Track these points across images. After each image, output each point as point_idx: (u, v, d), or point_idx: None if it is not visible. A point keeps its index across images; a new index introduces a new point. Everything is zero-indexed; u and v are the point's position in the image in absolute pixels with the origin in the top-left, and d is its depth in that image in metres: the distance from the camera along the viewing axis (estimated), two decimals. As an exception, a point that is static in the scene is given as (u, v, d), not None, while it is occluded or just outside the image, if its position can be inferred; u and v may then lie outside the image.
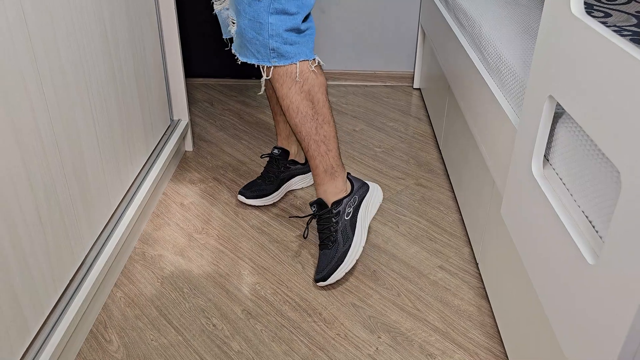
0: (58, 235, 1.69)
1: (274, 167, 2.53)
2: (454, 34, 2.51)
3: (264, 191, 2.51)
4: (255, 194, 2.50)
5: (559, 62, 1.25)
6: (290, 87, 1.98)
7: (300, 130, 2.04)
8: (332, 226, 2.10)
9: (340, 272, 2.05)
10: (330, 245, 2.09)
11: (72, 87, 1.75)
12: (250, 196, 2.49)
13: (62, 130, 1.69)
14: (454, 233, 2.35)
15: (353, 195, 2.14)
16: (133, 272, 2.12)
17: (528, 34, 1.99)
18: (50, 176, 1.62)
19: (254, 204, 2.50)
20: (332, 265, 2.05)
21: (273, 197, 2.51)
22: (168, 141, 2.65)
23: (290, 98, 2.00)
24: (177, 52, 2.68)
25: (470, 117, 2.14)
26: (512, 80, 1.75)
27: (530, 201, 1.41)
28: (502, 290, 1.81)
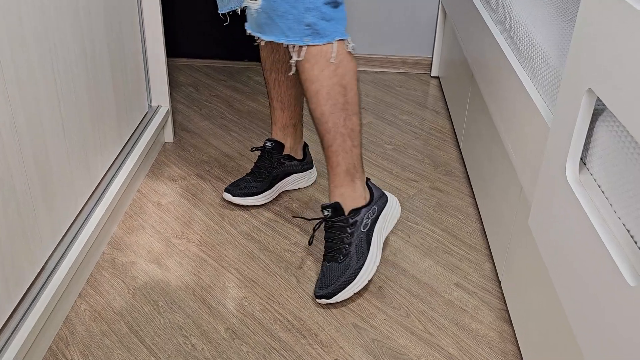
0: (14, 236, 1.69)
1: (266, 162, 2.52)
2: (480, 15, 2.51)
3: (253, 189, 2.50)
4: (243, 192, 2.49)
5: (601, 50, 1.25)
6: (323, 69, 1.98)
7: (327, 120, 2.03)
8: (346, 237, 2.09)
9: (348, 291, 2.05)
10: (341, 258, 2.08)
11: (35, 62, 1.75)
12: (237, 194, 2.49)
13: (21, 112, 1.68)
14: (473, 245, 2.36)
15: (372, 205, 2.14)
16: (100, 281, 2.13)
17: (565, 16, 1.99)
18: (6, 165, 1.62)
19: (241, 203, 2.50)
20: (341, 282, 2.04)
21: (264, 196, 2.51)
22: (145, 130, 2.65)
23: (321, 82, 1.99)
24: (158, 27, 2.68)
25: (496, 112, 2.14)
26: (545, 69, 1.76)
27: (563, 210, 1.41)
28: (528, 313, 1.81)
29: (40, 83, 1.78)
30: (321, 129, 2.06)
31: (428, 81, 3.73)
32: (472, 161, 2.66)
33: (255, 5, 1.94)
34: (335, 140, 2.05)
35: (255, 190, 2.50)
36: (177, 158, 2.84)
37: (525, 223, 1.86)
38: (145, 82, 2.72)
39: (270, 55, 2.35)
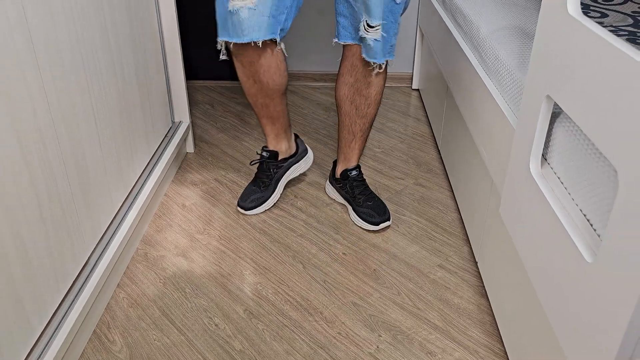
0: (61, 236, 1.69)
1: (265, 172, 2.49)
2: (452, 35, 2.51)
3: (262, 198, 2.48)
4: (253, 204, 2.47)
5: (556, 62, 1.25)
6: (384, 78, 2.23)
7: (372, 119, 2.33)
8: (366, 184, 2.46)
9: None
10: (377, 197, 2.43)
11: (73, 85, 1.75)
12: (249, 207, 2.46)
13: (63, 130, 1.68)
14: (453, 232, 2.35)
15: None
16: (135, 273, 2.12)
17: (525, 34, 1.99)
18: (52, 175, 1.62)
19: (255, 213, 2.47)
20: (387, 209, 2.39)
21: (272, 199, 2.50)
22: (169, 143, 2.65)
23: (382, 89, 2.25)
24: (178, 54, 2.68)
25: (469, 118, 2.14)
26: (509, 80, 1.75)
27: (528, 200, 1.41)
28: (501, 289, 1.81)
29: (78, 104, 1.77)
30: (364, 127, 2.33)
31: (410, 93, 3.73)
32: (450, 160, 2.65)
33: (369, 35, 2.03)
34: (370, 128, 2.36)
35: (263, 199, 2.48)
36: (197, 166, 2.84)
37: (497, 212, 1.86)
38: (168, 102, 2.71)
39: (254, 84, 2.18)
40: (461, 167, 2.40)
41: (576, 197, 1.25)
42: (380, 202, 2.40)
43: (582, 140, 1.24)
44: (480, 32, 2.14)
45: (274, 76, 2.12)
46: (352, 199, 2.41)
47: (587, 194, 1.19)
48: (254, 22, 1.91)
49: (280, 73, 2.12)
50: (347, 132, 2.34)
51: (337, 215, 2.45)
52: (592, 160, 1.18)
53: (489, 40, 2.02)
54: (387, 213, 2.36)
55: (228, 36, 1.97)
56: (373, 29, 2.00)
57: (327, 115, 3.37)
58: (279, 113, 2.33)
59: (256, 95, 2.22)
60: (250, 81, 2.16)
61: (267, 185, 2.49)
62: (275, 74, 2.11)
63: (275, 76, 2.12)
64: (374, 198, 2.41)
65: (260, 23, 1.92)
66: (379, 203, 2.39)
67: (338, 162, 2.48)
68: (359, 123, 2.31)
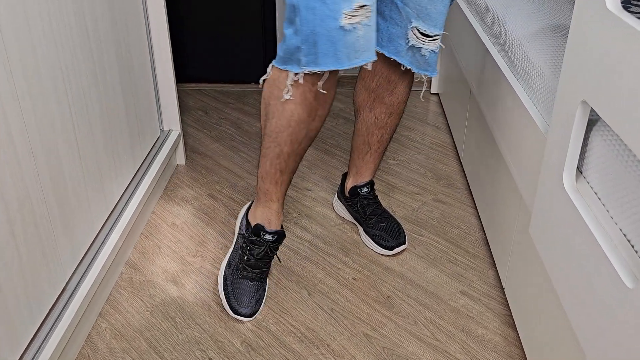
0: (35, 259, 1.69)
1: (266, 260, 2.13)
2: (476, 33, 2.52)
3: (261, 294, 2.11)
4: (255, 309, 2.07)
5: (593, 63, 1.25)
6: (410, 86, 2.29)
7: (392, 131, 2.34)
8: (378, 202, 2.45)
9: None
10: (390, 217, 2.43)
11: (49, 89, 1.76)
12: (250, 313, 2.05)
13: (37, 140, 1.69)
14: (477, 254, 2.36)
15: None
16: (119, 301, 2.13)
17: (558, 32, 2.00)
18: (25, 191, 1.63)
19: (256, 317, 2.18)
20: (402, 230, 2.40)
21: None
22: (158, 154, 2.66)
23: (406, 98, 2.30)
24: (167, 54, 2.69)
25: (495, 125, 2.14)
26: (540, 83, 1.76)
27: (561, 218, 1.41)
28: (531, 318, 1.81)
29: (54, 109, 1.78)
30: (387, 137, 2.32)
31: (428, 98, 3.74)
32: (473, 173, 2.66)
33: (436, 47, 1.99)
34: (389, 141, 2.35)
35: (262, 294, 2.13)
36: (189, 179, 2.85)
37: (526, 231, 1.86)
38: (156, 107, 2.73)
39: (311, 122, 1.92)
40: (486, 181, 2.41)
41: (615, 214, 1.25)
42: (394, 222, 2.41)
43: (622, 150, 1.24)
44: (507, 29, 2.15)
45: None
46: (363, 219, 2.41)
47: (628, 211, 1.19)
48: (368, 40, 1.73)
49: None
50: (362, 143, 2.33)
51: (346, 236, 2.45)
52: (633, 173, 1.19)
53: (518, 39, 2.03)
54: (403, 235, 2.37)
55: (335, 61, 1.70)
56: (430, 39, 1.93)
57: (334, 122, 3.38)
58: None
59: (302, 141, 1.97)
60: (308, 120, 1.91)
61: (265, 276, 2.18)
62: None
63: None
64: (387, 218, 2.40)
65: (372, 40, 1.75)
66: (393, 224, 2.39)
67: (348, 175, 2.46)
68: (376, 134, 2.29)
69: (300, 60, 1.73)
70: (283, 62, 1.80)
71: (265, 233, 2.08)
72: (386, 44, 1.99)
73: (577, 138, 1.35)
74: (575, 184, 1.40)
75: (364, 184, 2.41)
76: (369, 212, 2.40)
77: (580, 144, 1.36)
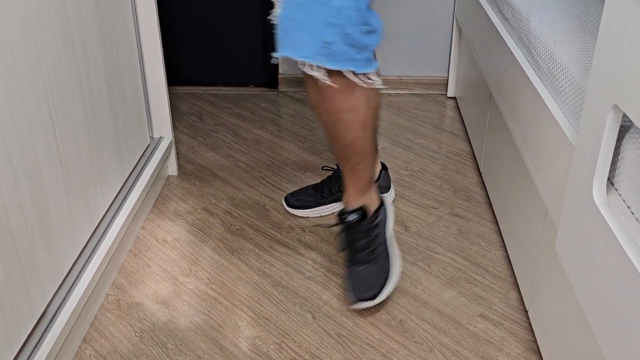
0: (13, 280, 1.70)
1: (332, 185, 2.67)
2: (497, 31, 2.52)
3: (309, 202, 2.69)
4: (298, 204, 2.70)
5: (626, 64, 1.25)
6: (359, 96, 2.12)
7: (359, 144, 2.14)
8: (374, 238, 2.22)
9: (389, 289, 2.19)
10: (374, 259, 2.21)
11: (28, 94, 1.76)
12: (292, 205, 2.70)
13: (16, 148, 1.69)
14: (498, 274, 2.35)
15: (383, 204, 2.28)
16: (105, 325, 2.13)
17: (587, 29, 2.00)
18: (1, 204, 1.63)
19: (295, 213, 2.71)
20: (382, 281, 2.19)
21: (317, 210, 2.69)
22: (147, 164, 2.66)
23: (351, 109, 2.09)
24: (158, 54, 2.70)
25: (517, 132, 2.15)
26: (568, 86, 1.76)
27: (591, 234, 1.41)
28: (558, 344, 1.81)
29: (33, 115, 1.79)
30: (349, 152, 2.08)
31: (444, 102, 3.74)
32: (494, 185, 2.66)
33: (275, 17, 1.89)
34: (365, 158, 2.11)
35: (309, 204, 2.68)
36: (182, 192, 2.85)
37: (552, 248, 1.86)
38: (146, 113, 2.73)
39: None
40: (508, 193, 2.41)
41: (651, 230, 1.25)
42: (377, 269, 2.21)
43: (658, 160, 1.24)
44: (532, 27, 2.15)
45: None
46: (348, 251, 2.27)
47: (664, 226, 1.19)
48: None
49: None
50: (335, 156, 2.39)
51: (354, 253, 2.45)
52: (670, 184, 1.19)
53: (543, 37, 2.03)
54: (376, 289, 2.17)
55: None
56: None
57: (342, 129, 3.38)
58: None
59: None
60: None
61: (325, 198, 2.68)
62: None
63: None
64: (372, 261, 2.21)
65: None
66: (373, 270, 2.20)
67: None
68: (333, 146, 2.16)
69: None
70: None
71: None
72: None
73: (608, 146, 1.35)
74: (606, 196, 1.40)
75: (351, 210, 2.23)
76: (354, 247, 2.25)
77: (612, 152, 1.36)
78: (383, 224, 2.24)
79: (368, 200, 2.20)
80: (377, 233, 2.21)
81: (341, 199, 2.30)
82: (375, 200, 2.23)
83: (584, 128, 1.45)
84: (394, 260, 2.24)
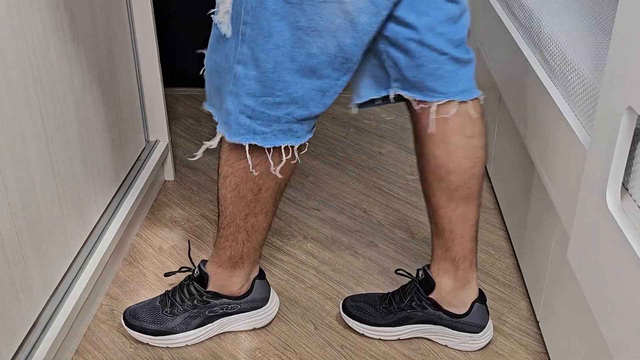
0: (2, 289, 1.70)
1: (400, 297, 2.13)
2: (507, 30, 2.52)
3: (370, 317, 2.14)
4: (358, 314, 2.16)
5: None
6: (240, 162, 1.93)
7: (227, 206, 1.99)
8: (184, 305, 2.08)
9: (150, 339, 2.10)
10: (168, 311, 2.10)
11: (19, 96, 1.76)
12: (351, 314, 2.17)
13: (5, 152, 1.69)
14: (507, 283, 2.35)
15: (239, 300, 2.11)
16: (99, 336, 2.13)
17: (601, 29, 2.00)
18: (-7, 214, 1.63)
19: (351, 324, 2.17)
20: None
21: (381, 331, 2.14)
22: (143, 168, 2.66)
23: (234, 173, 1.95)
24: (154, 54, 2.70)
25: (528, 135, 2.15)
26: (580, 88, 1.76)
27: (604, 241, 1.41)
28: (570, 356, 1.80)
29: (24, 117, 1.79)
30: (219, 207, 2.00)
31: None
32: (503, 190, 2.66)
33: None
34: (229, 227, 1.99)
35: (371, 319, 2.13)
36: (179, 197, 2.85)
37: (564, 256, 1.86)
38: (141, 115, 2.73)
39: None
40: (518, 199, 2.41)
41: (667, 237, 1.25)
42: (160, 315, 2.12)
43: (674, 164, 1.25)
44: (543, 26, 2.15)
45: None
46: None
47: (681, 233, 1.20)
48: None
49: None
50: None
51: (358, 261, 2.45)
52: (686, 190, 1.19)
53: (554, 36, 2.03)
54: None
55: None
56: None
57: (345, 132, 3.38)
58: (443, 221, 2.05)
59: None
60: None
61: (391, 310, 2.13)
62: None
63: None
64: (171, 310, 2.11)
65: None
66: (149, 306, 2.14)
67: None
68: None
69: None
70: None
71: (425, 267, 2.11)
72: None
73: (622, 150, 1.35)
74: (620, 202, 1.40)
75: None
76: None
77: (626, 156, 1.36)
78: (220, 309, 2.09)
79: (221, 276, 2.07)
80: (195, 305, 2.07)
81: (411, 316, 2.09)
82: (232, 287, 2.08)
83: (597, 131, 1.45)
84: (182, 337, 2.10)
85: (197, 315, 2.07)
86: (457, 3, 1.75)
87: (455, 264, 2.02)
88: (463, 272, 2.03)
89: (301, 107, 1.74)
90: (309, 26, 1.61)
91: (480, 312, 2.06)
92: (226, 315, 2.10)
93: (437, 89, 1.81)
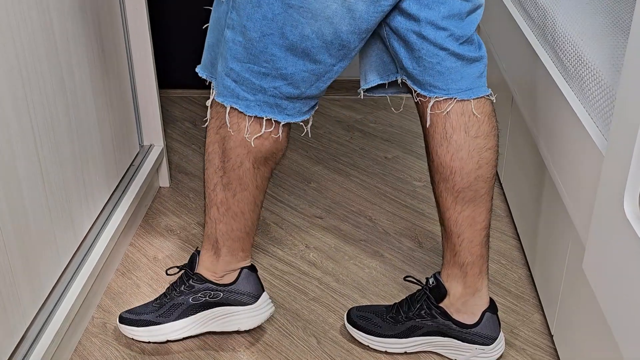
0: (-10, 301, 1.70)
1: (409, 305, 2.13)
2: (519, 28, 2.52)
3: (377, 327, 2.14)
4: (363, 324, 2.16)
5: (659, 64, 1.26)
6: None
7: (204, 173, 2.09)
8: (181, 293, 2.12)
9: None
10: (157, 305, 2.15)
11: (7, 99, 1.76)
12: (354, 324, 2.17)
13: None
14: (520, 295, 2.35)
15: (221, 288, 2.12)
16: (91, 350, 2.13)
17: (618, 27, 2.00)
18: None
19: (355, 336, 2.17)
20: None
21: (388, 343, 2.14)
22: (136, 174, 2.66)
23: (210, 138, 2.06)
24: (149, 54, 2.70)
25: (542, 140, 2.15)
26: (597, 89, 1.76)
27: (622, 251, 1.41)
28: (587, 373, 1.80)
29: (12, 122, 1.79)
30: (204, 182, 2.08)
31: (461, 106, 3.74)
32: (516, 197, 2.66)
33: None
34: (205, 198, 2.07)
35: (377, 330, 2.13)
36: (174, 205, 2.85)
37: (579, 267, 1.86)
38: (134, 118, 2.73)
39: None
40: (531, 206, 2.41)
41: (687, 247, 1.25)
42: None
43: (695, 170, 1.25)
44: (557, 24, 2.15)
45: None
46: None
47: (703, 243, 1.19)
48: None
49: None
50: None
51: (363, 272, 2.45)
52: None
53: (569, 35, 2.04)
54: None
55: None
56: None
57: (348, 136, 3.38)
58: (450, 223, 2.07)
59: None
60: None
61: (398, 320, 2.12)
62: None
63: None
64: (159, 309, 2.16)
65: None
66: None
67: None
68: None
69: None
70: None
71: (434, 275, 2.12)
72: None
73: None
74: (639, 210, 1.40)
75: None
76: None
77: (645, 162, 1.36)
78: (201, 297, 2.10)
79: (204, 259, 2.12)
80: (182, 292, 2.11)
81: (419, 326, 2.09)
82: (210, 270, 2.11)
83: (614, 135, 1.45)
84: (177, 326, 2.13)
85: (180, 303, 2.09)
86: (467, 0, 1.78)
87: (463, 270, 2.03)
88: (472, 279, 2.03)
89: (290, 85, 1.81)
90: (301, 5, 1.68)
91: (491, 322, 2.05)
92: (209, 305, 2.10)
93: (437, 84, 1.85)
